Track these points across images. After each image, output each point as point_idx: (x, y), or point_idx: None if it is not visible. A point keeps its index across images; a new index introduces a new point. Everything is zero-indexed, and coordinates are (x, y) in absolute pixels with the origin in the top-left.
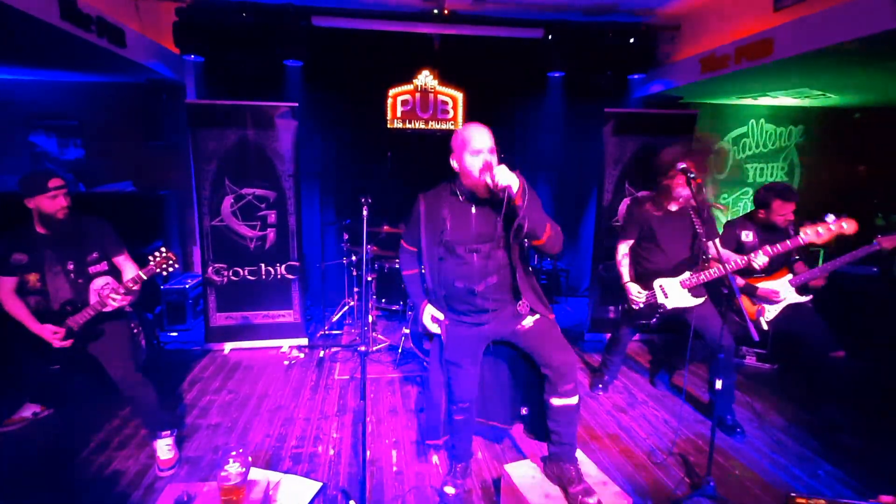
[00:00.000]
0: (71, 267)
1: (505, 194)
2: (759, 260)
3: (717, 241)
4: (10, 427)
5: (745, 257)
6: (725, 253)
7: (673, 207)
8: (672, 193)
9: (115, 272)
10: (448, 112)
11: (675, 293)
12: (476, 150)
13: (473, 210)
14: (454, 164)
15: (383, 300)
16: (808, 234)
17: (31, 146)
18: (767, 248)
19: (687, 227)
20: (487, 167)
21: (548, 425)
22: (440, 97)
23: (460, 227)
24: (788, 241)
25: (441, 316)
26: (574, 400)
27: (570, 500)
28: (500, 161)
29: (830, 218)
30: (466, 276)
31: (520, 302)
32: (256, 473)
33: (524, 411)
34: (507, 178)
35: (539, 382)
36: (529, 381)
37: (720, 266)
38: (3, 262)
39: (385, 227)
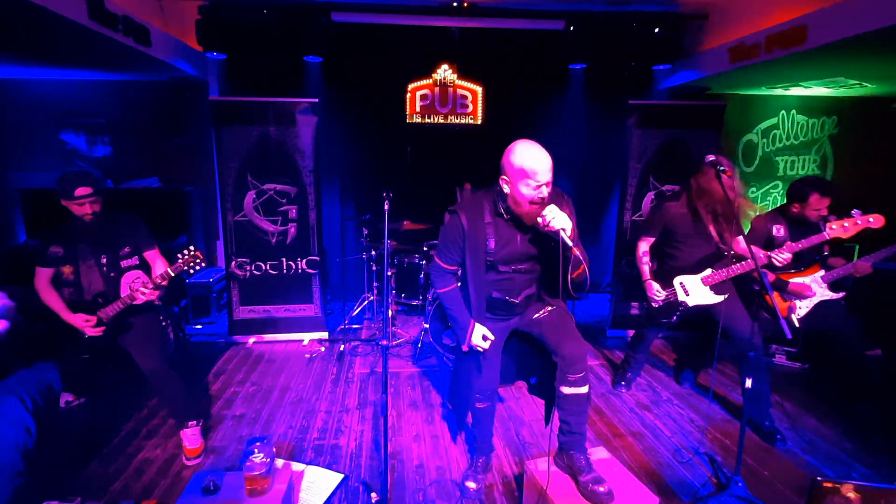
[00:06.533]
0: (104, 261)
1: (559, 236)
2: (782, 256)
3: (741, 237)
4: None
5: (767, 254)
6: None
7: (698, 204)
8: (700, 189)
9: (146, 266)
10: (467, 106)
11: (696, 290)
12: (537, 184)
13: (518, 230)
14: (505, 188)
15: (403, 295)
16: (835, 229)
17: (61, 144)
18: (790, 243)
19: (710, 223)
20: (538, 202)
21: (558, 415)
22: (459, 91)
23: (506, 247)
24: (814, 236)
25: (491, 336)
26: (583, 389)
27: (581, 489)
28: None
29: (856, 213)
30: (507, 290)
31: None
32: (280, 464)
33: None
34: (561, 221)
35: (551, 368)
36: (540, 356)
37: (743, 262)
38: (42, 254)
39: (406, 223)
